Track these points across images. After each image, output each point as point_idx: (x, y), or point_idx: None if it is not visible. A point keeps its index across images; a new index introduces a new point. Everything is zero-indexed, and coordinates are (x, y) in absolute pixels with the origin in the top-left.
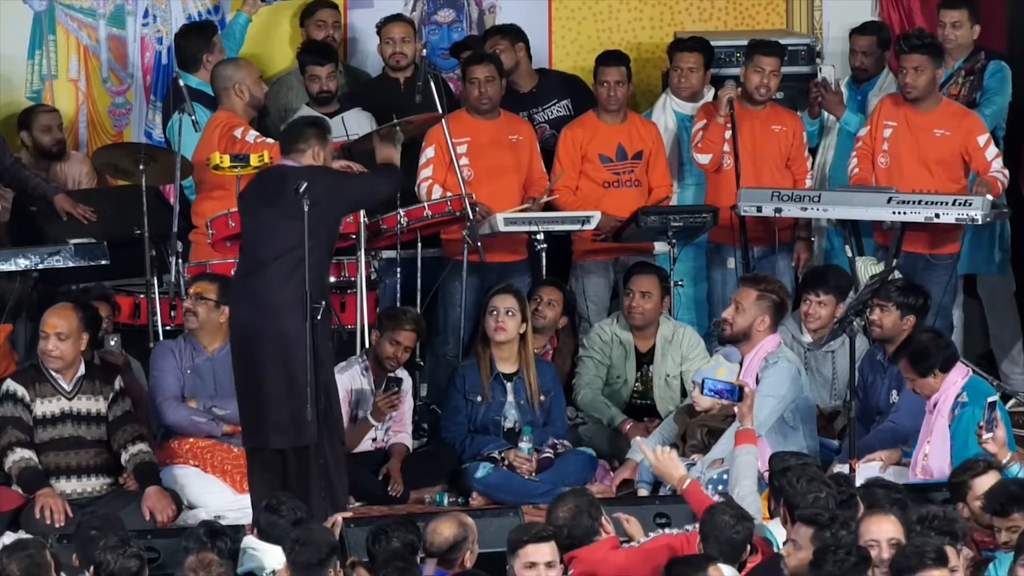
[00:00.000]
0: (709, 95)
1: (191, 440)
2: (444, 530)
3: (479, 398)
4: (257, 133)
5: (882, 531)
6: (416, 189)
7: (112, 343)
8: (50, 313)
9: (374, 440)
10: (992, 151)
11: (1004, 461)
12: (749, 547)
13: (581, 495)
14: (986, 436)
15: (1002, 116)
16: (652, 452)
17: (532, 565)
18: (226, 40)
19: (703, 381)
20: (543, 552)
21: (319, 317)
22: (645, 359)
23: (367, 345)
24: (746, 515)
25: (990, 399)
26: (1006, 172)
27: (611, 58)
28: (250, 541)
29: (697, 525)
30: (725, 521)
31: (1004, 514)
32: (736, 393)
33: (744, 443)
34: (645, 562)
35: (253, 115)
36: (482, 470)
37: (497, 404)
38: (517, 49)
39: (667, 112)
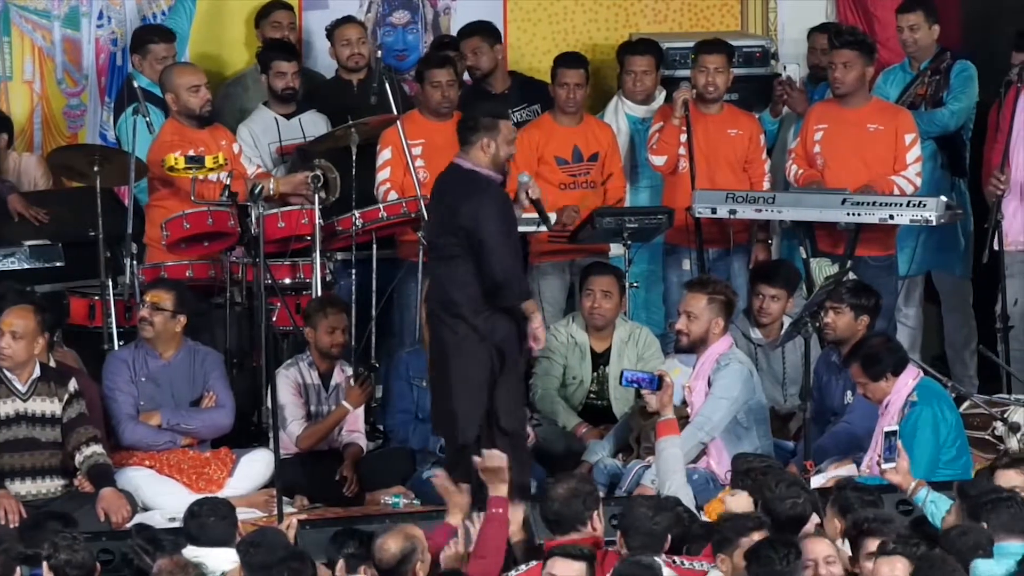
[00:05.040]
0: (660, 97)
1: None
2: (391, 545)
3: (424, 383)
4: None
5: (817, 550)
6: (375, 192)
7: (55, 337)
8: (9, 312)
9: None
10: (914, 154)
11: (908, 489)
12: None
13: (585, 482)
14: (886, 466)
15: (969, 116)
16: None
17: None
18: (175, 15)
19: (621, 372)
20: None
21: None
22: (601, 360)
23: None
24: (665, 505)
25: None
26: (917, 183)
27: (571, 60)
28: (191, 549)
29: None
30: (643, 513)
31: None
32: (655, 382)
33: (666, 435)
34: None
35: (192, 123)
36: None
37: None
38: (496, 51)
39: (619, 115)
